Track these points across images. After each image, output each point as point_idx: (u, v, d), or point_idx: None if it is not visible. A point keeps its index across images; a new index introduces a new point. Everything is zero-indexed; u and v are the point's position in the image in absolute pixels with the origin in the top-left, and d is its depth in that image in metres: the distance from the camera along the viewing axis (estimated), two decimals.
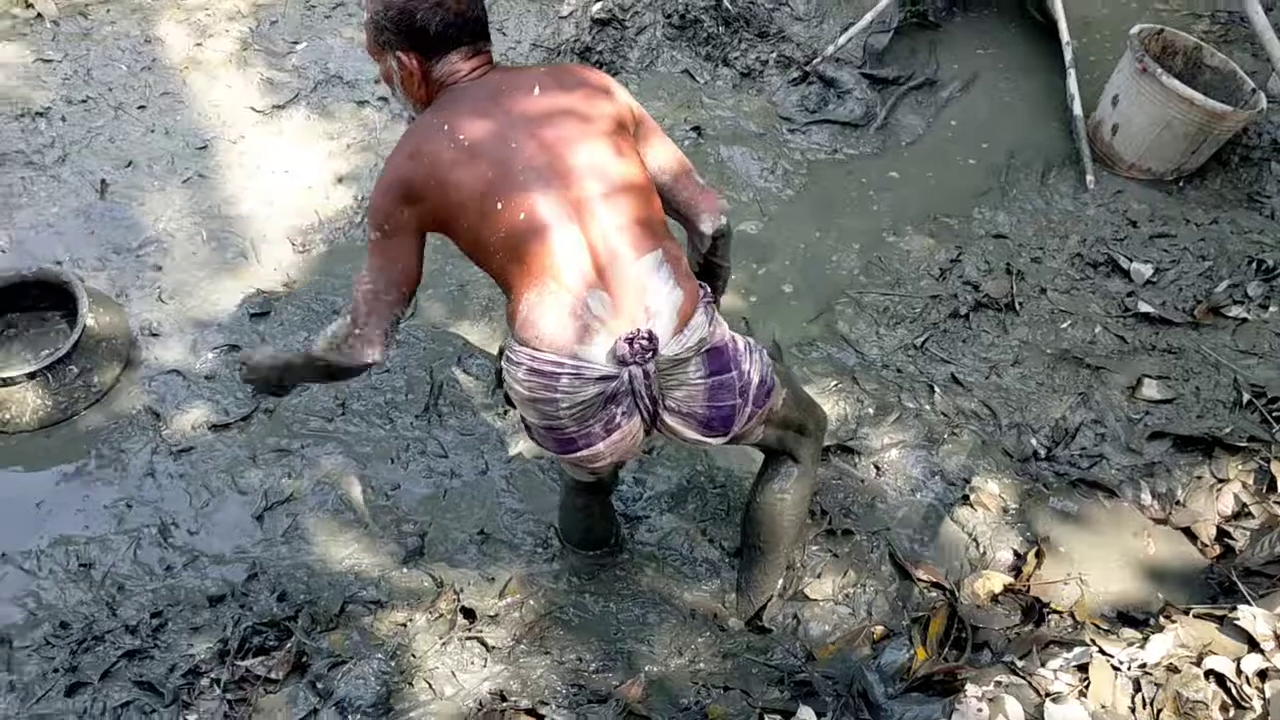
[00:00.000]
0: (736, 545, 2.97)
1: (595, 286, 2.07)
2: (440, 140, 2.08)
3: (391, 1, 2.14)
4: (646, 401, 2.15)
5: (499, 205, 2.04)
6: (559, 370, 2.08)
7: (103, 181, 3.86)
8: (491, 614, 2.79)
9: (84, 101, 4.06)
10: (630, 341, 2.06)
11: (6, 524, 3.01)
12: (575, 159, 2.09)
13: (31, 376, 3.16)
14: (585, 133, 2.13)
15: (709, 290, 2.26)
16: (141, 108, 4.08)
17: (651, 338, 2.07)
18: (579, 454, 2.21)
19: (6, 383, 3.14)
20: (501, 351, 2.35)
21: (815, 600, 2.84)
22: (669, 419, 2.21)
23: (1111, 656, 2.31)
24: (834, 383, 3.39)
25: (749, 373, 2.25)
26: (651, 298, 2.09)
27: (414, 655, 2.64)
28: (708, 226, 2.35)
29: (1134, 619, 2.70)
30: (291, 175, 3.99)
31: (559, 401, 2.11)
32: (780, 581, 2.83)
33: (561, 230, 2.06)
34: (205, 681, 2.59)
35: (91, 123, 4.02)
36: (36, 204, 3.80)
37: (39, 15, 4.32)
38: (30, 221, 3.74)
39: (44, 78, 4.11)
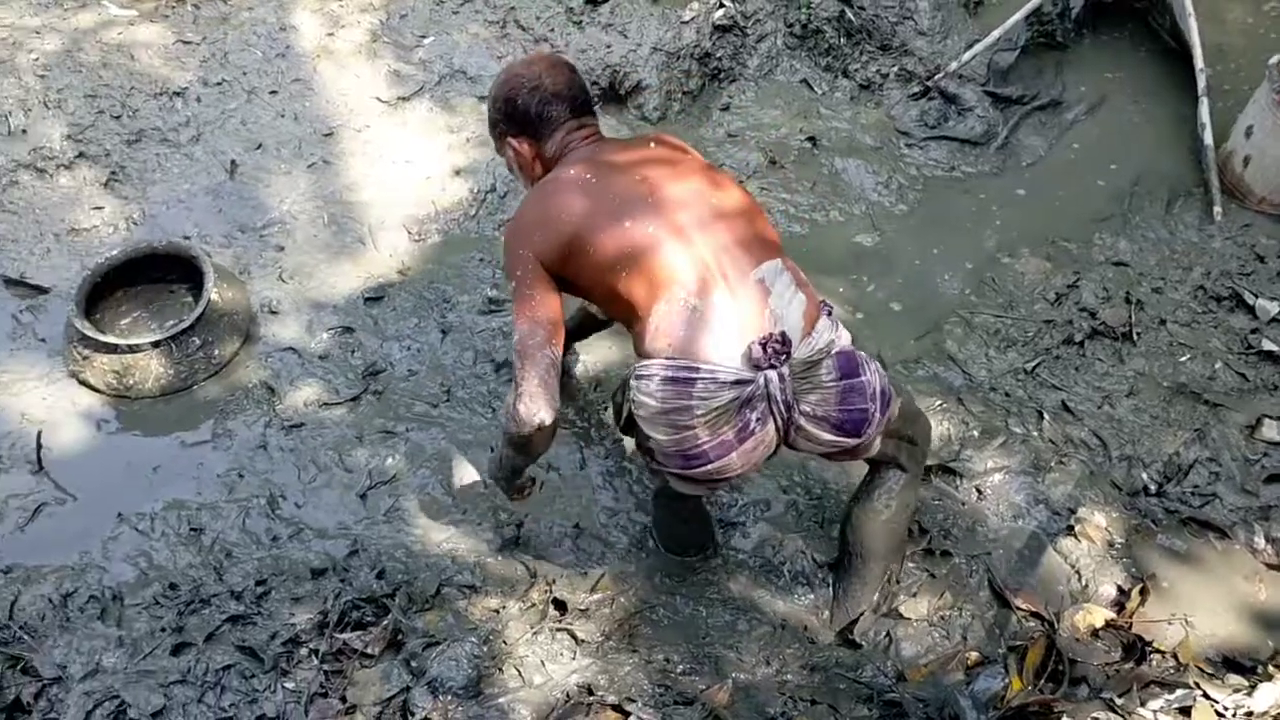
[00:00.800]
0: (829, 558, 2.95)
1: (723, 295, 2.15)
2: (559, 184, 2.30)
3: (495, 94, 2.46)
4: (781, 406, 2.16)
5: (627, 224, 2.20)
6: (694, 375, 2.11)
7: (233, 162, 4.00)
8: (582, 608, 2.82)
9: (219, 84, 4.20)
10: (764, 345, 2.10)
11: (125, 485, 3.13)
12: (675, 191, 2.27)
13: (156, 345, 3.28)
14: (678, 172, 2.32)
15: (827, 301, 2.30)
16: (273, 93, 4.21)
17: (785, 340, 2.11)
18: (708, 467, 2.21)
19: (133, 349, 3.27)
20: (621, 387, 2.41)
21: (909, 619, 2.81)
22: (804, 422, 2.21)
23: (1216, 702, 2.24)
24: (939, 402, 3.34)
25: (873, 381, 2.27)
26: (775, 302, 2.15)
27: (505, 642, 2.67)
28: None
29: (1241, 665, 2.62)
30: (412, 165, 4.08)
31: (694, 409, 2.13)
32: (876, 595, 2.80)
33: (679, 250, 2.18)
34: (304, 651, 2.66)
35: (225, 105, 4.16)
36: (169, 180, 3.94)
37: None
38: (163, 197, 3.88)
39: (183, 59, 4.26)
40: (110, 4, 4.45)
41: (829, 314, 2.26)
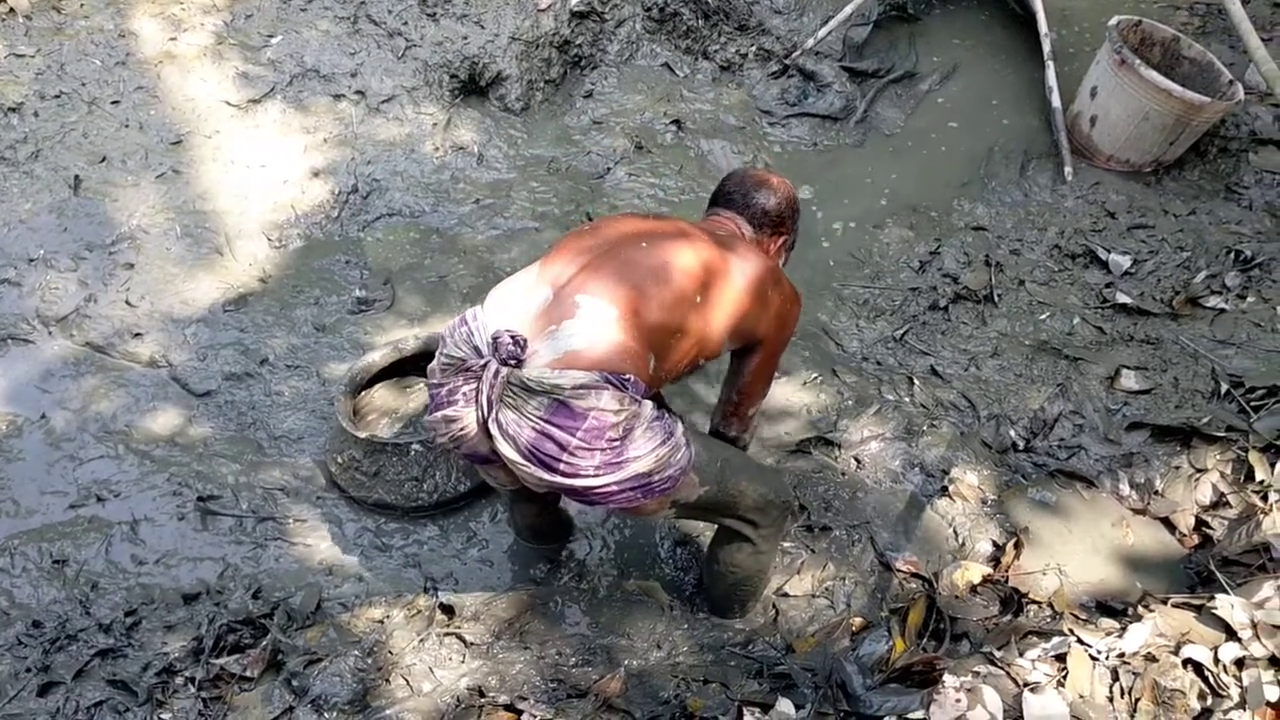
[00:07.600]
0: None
1: (545, 287, 2.19)
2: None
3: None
4: (484, 399, 2.10)
5: (575, 234, 2.35)
6: (465, 323, 2.18)
7: (76, 178, 3.82)
8: (471, 610, 2.77)
9: (57, 97, 4.02)
10: (510, 337, 2.08)
11: None
12: (635, 227, 2.35)
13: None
14: (662, 225, 2.37)
15: (637, 385, 2.13)
16: (115, 103, 4.04)
17: (521, 345, 2.08)
18: (429, 415, 2.23)
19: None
20: None
21: (794, 595, 2.83)
22: (495, 430, 2.12)
23: (1089, 646, 2.30)
24: (815, 375, 3.38)
25: (615, 457, 2.13)
26: (567, 325, 2.12)
27: (391, 652, 2.61)
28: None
29: (1112, 609, 2.70)
30: (267, 170, 3.96)
31: (444, 344, 2.19)
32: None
33: (576, 254, 2.24)
34: (180, 680, 2.56)
35: (65, 118, 3.97)
36: (9, 201, 3.75)
37: (11, 10, 4.26)
38: (3, 219, 3.69)
39: (16, 73, 4.06)
40: None
41: (614, 389, 2.08)
